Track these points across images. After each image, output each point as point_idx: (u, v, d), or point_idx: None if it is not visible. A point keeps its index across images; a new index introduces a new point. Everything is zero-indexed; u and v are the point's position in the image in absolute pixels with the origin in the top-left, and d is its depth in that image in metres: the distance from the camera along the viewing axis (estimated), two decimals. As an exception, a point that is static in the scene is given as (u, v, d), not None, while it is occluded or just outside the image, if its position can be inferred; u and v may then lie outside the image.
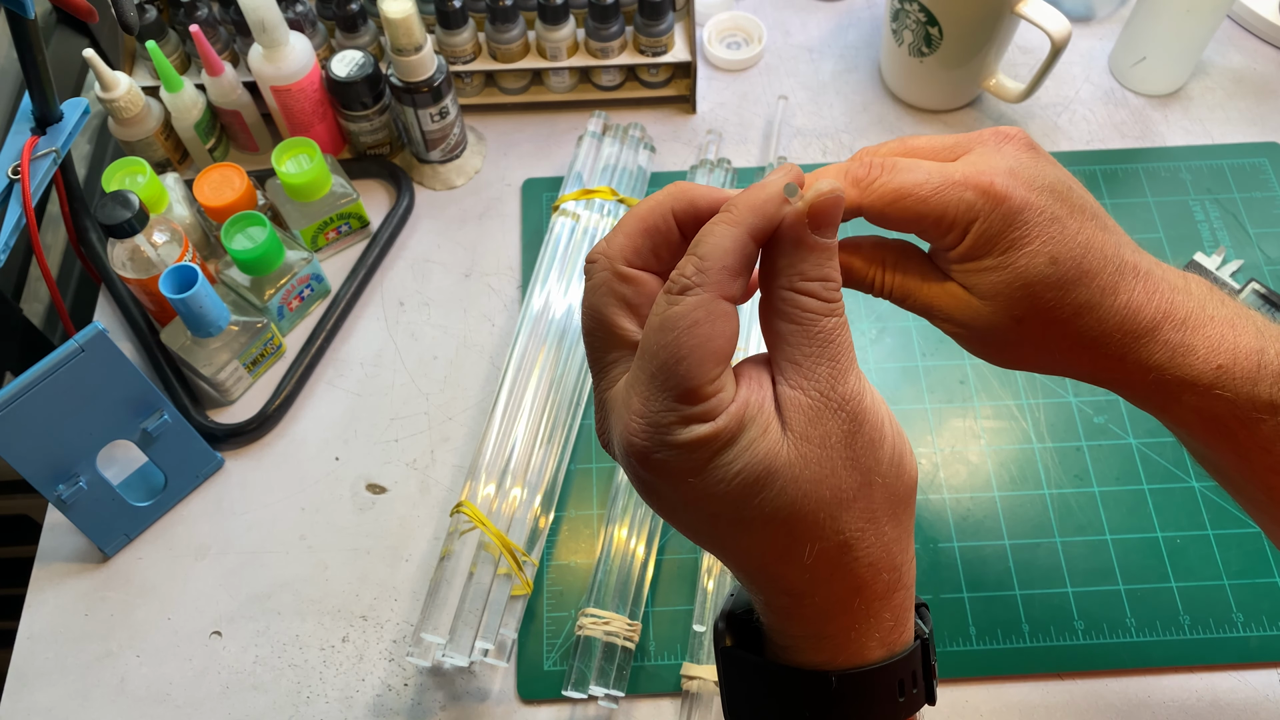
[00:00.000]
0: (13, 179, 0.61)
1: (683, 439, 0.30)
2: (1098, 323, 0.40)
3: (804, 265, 0.32)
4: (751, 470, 0.30)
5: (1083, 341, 0.40)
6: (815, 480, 0.31)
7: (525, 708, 0.56)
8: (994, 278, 0.40)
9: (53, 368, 0.52)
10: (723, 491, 0.31)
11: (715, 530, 0.33)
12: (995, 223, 0.39)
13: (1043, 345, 0.41)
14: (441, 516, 0.62)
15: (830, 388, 0.31)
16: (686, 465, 0.31)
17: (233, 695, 0.57)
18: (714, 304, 0.30)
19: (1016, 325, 0.40)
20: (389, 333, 0.69)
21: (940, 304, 0.41)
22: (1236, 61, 0.81)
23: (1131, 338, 0.40)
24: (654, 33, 0.74)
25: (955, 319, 0.41)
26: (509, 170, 0.77)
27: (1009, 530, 0.60)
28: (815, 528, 0.31)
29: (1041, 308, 0.40)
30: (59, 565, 0.61)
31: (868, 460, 0.32)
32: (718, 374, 0.31)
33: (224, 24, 0.74)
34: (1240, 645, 0.56)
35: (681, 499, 0.32)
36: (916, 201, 0.39)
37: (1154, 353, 0.40)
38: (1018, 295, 0.39)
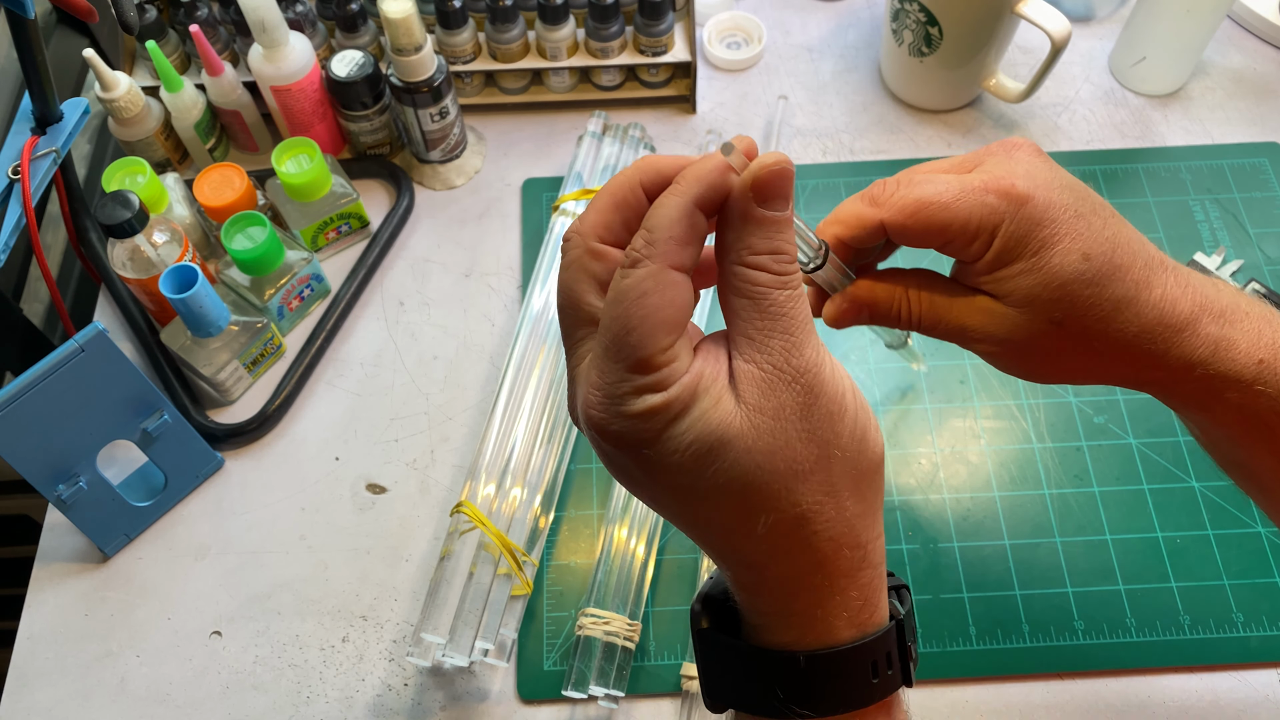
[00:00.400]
0: (13, 179, 0.61)
1: (636, 409, 0.30)
2: (1136, 318, 0.39)
3: (752, 239, 0.31)
4: (704, 440, 0.30)
5: (1124, 340, 0.40)
6: (768, 451, 0.31)
7: (525, 708, 0.56)
8: (1028, 281, 0.39)
9: (53, 368, 0.52)
10: (677, 462, 0.31)
11: (675, 502, 0.32)
12: (1022, 224, 0.39)
13: (1083, 349, 0.40)
14: (441, 516, 0.62)
15: (784, 360, 0.31)
16: (641, 436, 0.31)
17: (233, 695, 0.57)
18: (662, 274, 0.30)
19: (1057, 330, 0.40)
20: (389, 333, 0.69)
21: (974, 322, 0.41)
22: (1236, 61, 0.81)
23: (1172, 331, 0.40)
24: (654, 33, 0.74)
25: (991, 335, 0.41)
26: (509, 170, 0.77)
27: (1009, 530, 0.60)
28: (770, 499, 0.31)
29: (1080, 307, 0.39)
30: (59, 565, 0.61)
31: (825, 433, 0.31)
32: (669, 343, 0.30)
33: (224, 24, 0.74)
34: (1240, 645, 0.56)
35: (641, 471, 0.32)
36: (939, 209, 0.39)
37: (1196, 348, 0.40)
38: (1055, 296, 0.39)
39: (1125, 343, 0.40)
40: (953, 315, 0.41)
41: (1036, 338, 0.40)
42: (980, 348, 0.42)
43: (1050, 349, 0.40)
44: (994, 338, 0.41)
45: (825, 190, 0.74)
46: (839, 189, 0.74)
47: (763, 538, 0.32)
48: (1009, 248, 0.39)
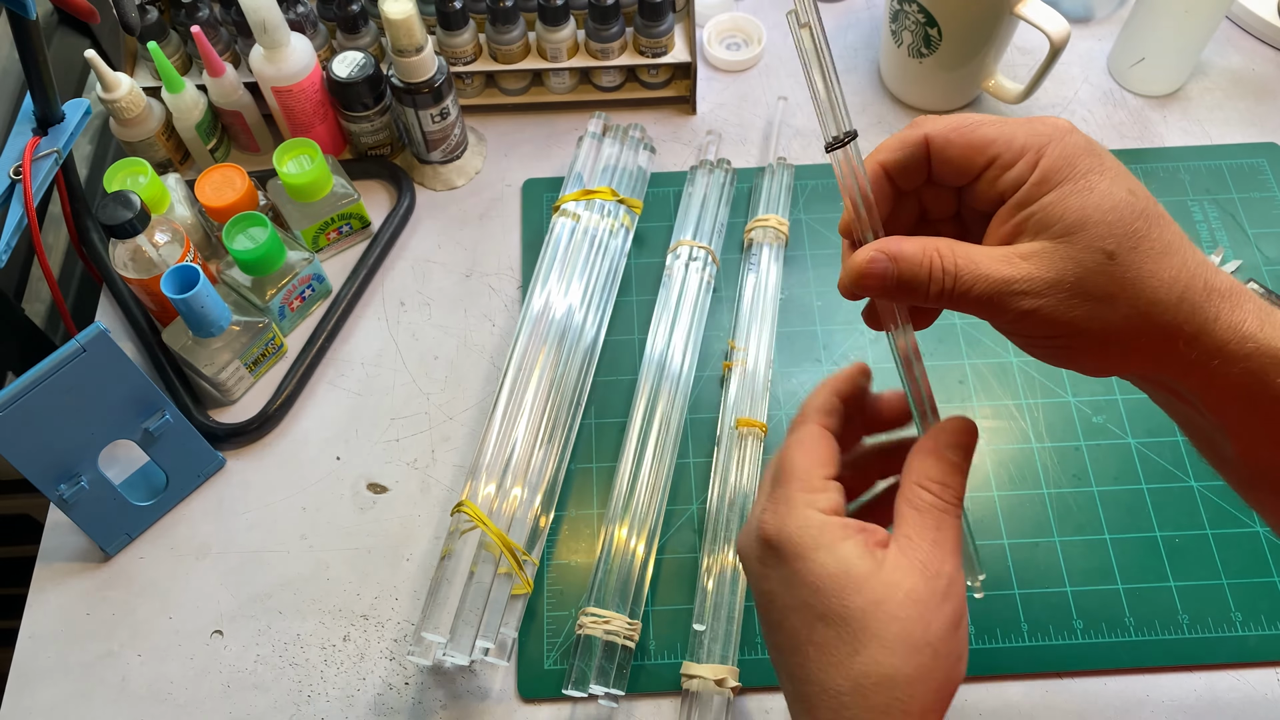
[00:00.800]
0: (14, 179, 0.61)
1: (801, 514, 0.38)
2: (1184, 267, 0.37)
3: (931, 469, 0.39)
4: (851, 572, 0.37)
5: (1175, 290, 0.37)
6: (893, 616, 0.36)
7: (526, 706, 0.56)
8: (1078, 202, 0.37)
9: (54, 367, 0.52)
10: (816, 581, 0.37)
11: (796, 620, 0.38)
12: (1069, 148, 0.37)
13: (1135, 293, 0.37)
14: (442, 516, 0.62)
15: (929, 557, 0.37)
16: (801, 540, 0.38)
17: (234, 694, 0.57)
18: (817, 429, 0.41)
19: (1109, 264, 0.36)
20: (390, 333, 0.69)
21: (1017, 271, 0.37)
22: (1235, 62, 0.81)
23: (1219, 295, 0.37)
24: (654, 34, 0.74)
25: (1038, 280, 0.37)
26: (509, 171, 0.77)
27: (1008, 530, 0.60)
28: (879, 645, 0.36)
29: (1132, 239, 0.36)
30: (60, 565, 0.61)
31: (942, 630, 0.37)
32: (824, 474, 0.39)
33: (225, 25, 0.74)
34: (1239, 644, 0.56)
35: (788, 580, 0.38)
36: (985, 124, 0.38)
37: (1244, 317, 0.37)
38: (1108, 220, 0.36)
39: (1176, 295, 0.37)
40: (993, 268, 0.37)
41: (1088, 275, 0.36)
42: (1025, 302, 0.37)
43: (1102, 291, 0.37)
44: (1041, 282, 0.37)
45: (825, 191, 0.74)
46: (838, 189, 0.74)
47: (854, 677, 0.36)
48: (1056, 168, 0.37)
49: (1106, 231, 0.36)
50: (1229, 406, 0.39)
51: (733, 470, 0.61)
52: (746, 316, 0.66)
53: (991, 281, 0.37)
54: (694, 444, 0.64)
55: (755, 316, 0.66)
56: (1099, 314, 0.37)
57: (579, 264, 0.67)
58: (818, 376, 0.66)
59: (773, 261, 0.69)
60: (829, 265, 0.71)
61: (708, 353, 0.67)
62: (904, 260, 0.38)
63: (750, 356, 0.65)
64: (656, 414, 0.62)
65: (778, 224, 0.70)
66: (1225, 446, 0.41)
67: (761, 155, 0.77)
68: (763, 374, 0.64)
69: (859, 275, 0.40)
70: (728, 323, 0.68)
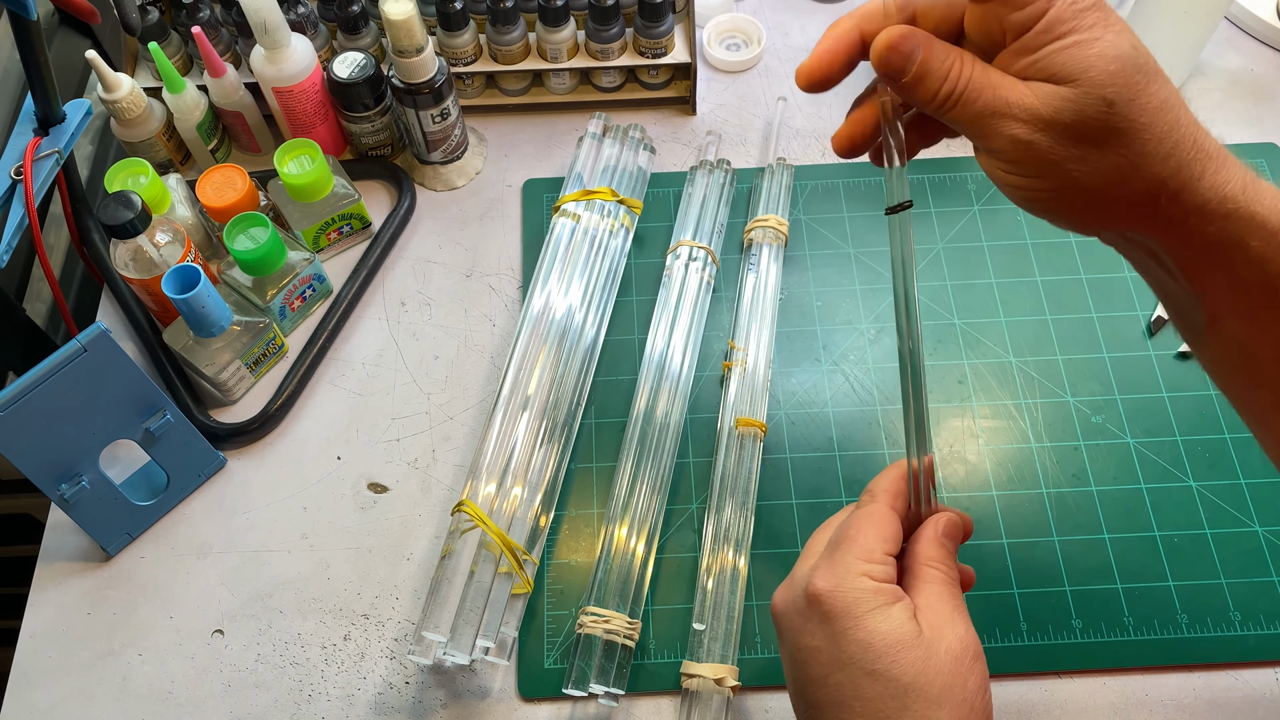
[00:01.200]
0: (15, 180, 0.61)
1: (856, 579, 0.41)
2: (1178, 124, 0.38)
3: (935, 553, 0.43)
4: (900, 633, 0.40)
5: (1167, 144, 0.38)
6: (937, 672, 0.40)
7: (526, 705, 0.56)
8: (1083, 51, 0.38)
9: (55, 367, 0.52)
10: (868, 639, 0.40)
11: (842, 676, 0.40)
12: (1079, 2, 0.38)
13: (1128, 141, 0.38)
14: (443, 515, 0.62)
15: (957, 622, 0.41)
16: (856, 600, 0.40)
17: (235, 693, 0.57)
18: (885, 508, 0.44)
19: (1107, 111, 0.38)
20: (390, 333, 0.70)
21: (1020, 97, 0.38)
22: (1234, 62, 0.81)
23: (1206, 156, 0.39)
24: (654, 34, 0.74)
25: (1037, 112, 0.38)
26: (510, 171, 0.77)
27: (1007, 529, 0.60)
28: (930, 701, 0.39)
29: (1132, 89, 0.38)
30: (61, 564, 0.61)
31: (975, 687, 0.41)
32: (885, 549, 0.42)
33: (226, 25, 0.74)
34: (1238, 644, 0.56)
35: (835, 636, 0.40)
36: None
37: (1229, 180, 0.39)
38: (1110, 69, 0.37)
39: (1166, 149, 0.38)
40: (1002, 85, 0.39)
41: (1085, 118, 0.38)
42: (1020, 130, 0.38)
43: (1096, 136, 0.38)
44: (1039, 115, 0.38)
45: (824, 191, 0.74)
46: (838, 190, 0.74)
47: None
48: (1063, 19, 0.38)
49: (1108, 80, 0.37)
50: (1203, 270, 0.40)
51: (732, 470, 0.61)
52: (746, 316, 0.67)
53: (996, 96, 0.38)
54: (694, 444, 0.64)
55: (755, 316, 0.66)
56: (1089, 158, 0.38)
57: (579, 264, 0.67)
58: (817, 376, 0.66)
59: (772, 261, 0.69)
60: (829, 265, 0.71)
61: (708, 353, 0.67)
62: (933, 49, 0.39)
63: (750, 356, 0.65)
64: (656, 414, 0.62)
65: (777, 224, 0.70)
66: (1197, 316, 0.43)
67: (761, 155, 0.77)
68: (762, 374, 0.64)
69: (887, 48, 0.40)
70: (727, 323, 0.68)
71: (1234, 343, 0.43)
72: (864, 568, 0.41)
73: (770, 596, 0.58)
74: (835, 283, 0.70)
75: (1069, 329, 0.67)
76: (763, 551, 0.60)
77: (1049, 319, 0.68)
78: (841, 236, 0.72)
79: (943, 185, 0.74)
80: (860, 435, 0.64)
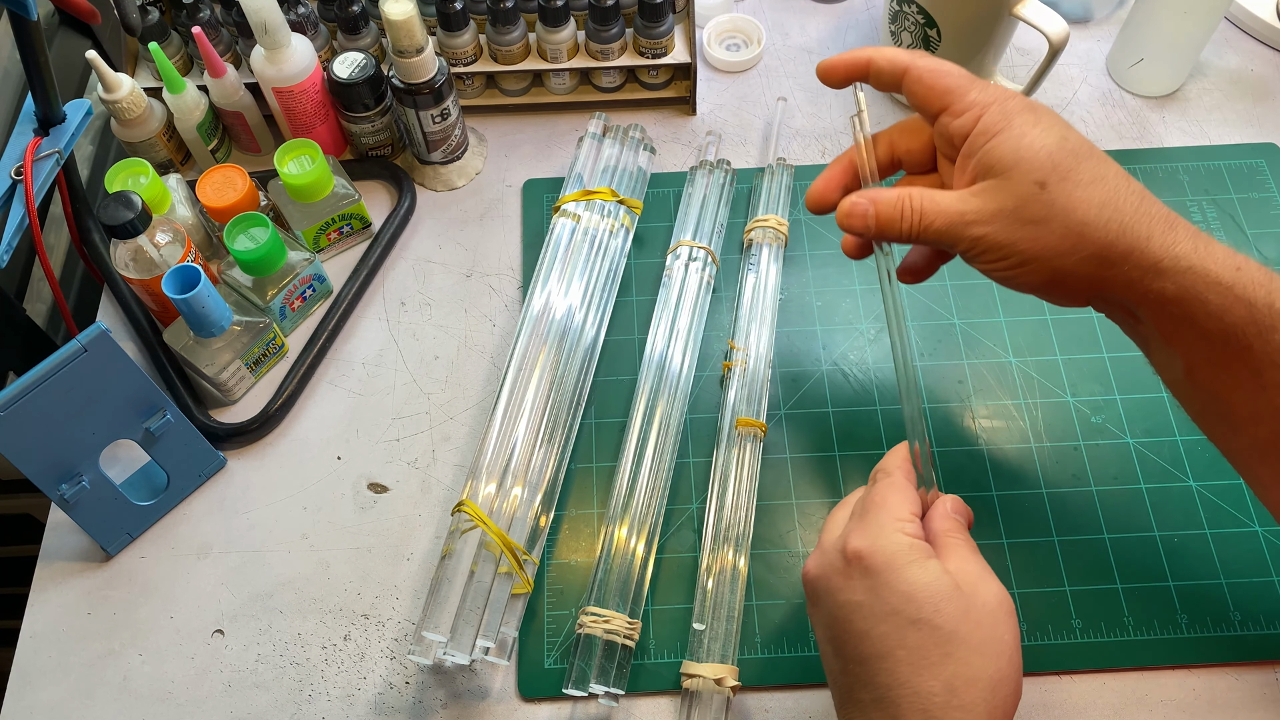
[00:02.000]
0: (16, 180, 0.61)
1: (892, 535, 0.43)
2: (1114, 193, 0.44)
3: (951, 525, 0.46)
4: (940, 584, 0.42)
5: (1104, 213, 0.44)
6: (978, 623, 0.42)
7: (526, 705, 0.56)
8: (1013, 144, 0.45)
9: (56, 367, 0.52)
10: (910, 590, 0.41)
11: (886, 627, 0.41)
12: (1008, 108, 0.46)
13: (1066, 215, 0.44)
14: (443, 515, 0.63)
15: (989, 578, 0.44)
16: (895, 553, 0.42)
17: (235, 693, 0.57)
18: (902, 479, 0.47)
19: (1040, 192, 0.44)
20: (390, 333, 0.70)
21: (968, 206, 0.45)
22: (1234, 63, 0.81)
23: (1151, 219, 0.44)
24: (654, 35, 0.74)
25: (983, 211, 0.45)
26: (510, 171, 0.77)
27: (1006, 529, 0.60)
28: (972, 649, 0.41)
29: (1060, 169, 0.44)
30: (62, 564, 0.61)
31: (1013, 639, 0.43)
32: (912, 510, 0.45)
33: (226, 26, 0.74)
34: (1237, 644, 0.56)
35: (878, 589, 0.42)
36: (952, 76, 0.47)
37: (1178, 240, 0.43)
38: (1038, 158, 0.44)
39: (1106, 216, 0.44)
40: (950, 204, 0.46)
41: (1024, 203, 0.44)
42: (976, 229, 0.45)
43: (1037, 215, 0.44)
44: (987, 212, 0.45)
45: (824, 191, 0.74)
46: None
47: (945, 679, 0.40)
48: (994, 122, 0.45)
49: (1037, 166, 0.44)
50: (1172, 324, 0.45)
51: (732, 470, 0.61)
52: (746, 316, 0.67)
53: (949, 215, 0.46)
54: (694, 444, 0.64)
55: (755, 316, 0.66)
56: (1038, 235, 0.44)
57: (579, 264, 0.67)
58: (817, 376, 0.66)
59: (772, 261, 0.69)
60: (828, 265, 0.71)
61: (708, 353, 0.67)
62: (881, 203, 0.48)
63: (750, 356, 0.65)
64: (656, 414, 0.62)
65: (777, 224, 0.70)
66: (1176, 368, 0.47)
67: (761, 156, 0.77)
68: (763, 374, 0.64)
69: (845, 215, 0.49)
70: (728, 323, 0.69)
71: (1209, 392, 0.46)
72: (897, 524, 0.44)
73: (770, 596, 0.58)
74: (835, 283, 0.70)
75: (1069, 329, 0.67)
76: (763, 551, 0.60)
77: (1048, 319, 0.68)
78: (841, 236, 0.72)
79: (943, 185, 0.74)
80: (860, 435, 0.64)
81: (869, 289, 0.70)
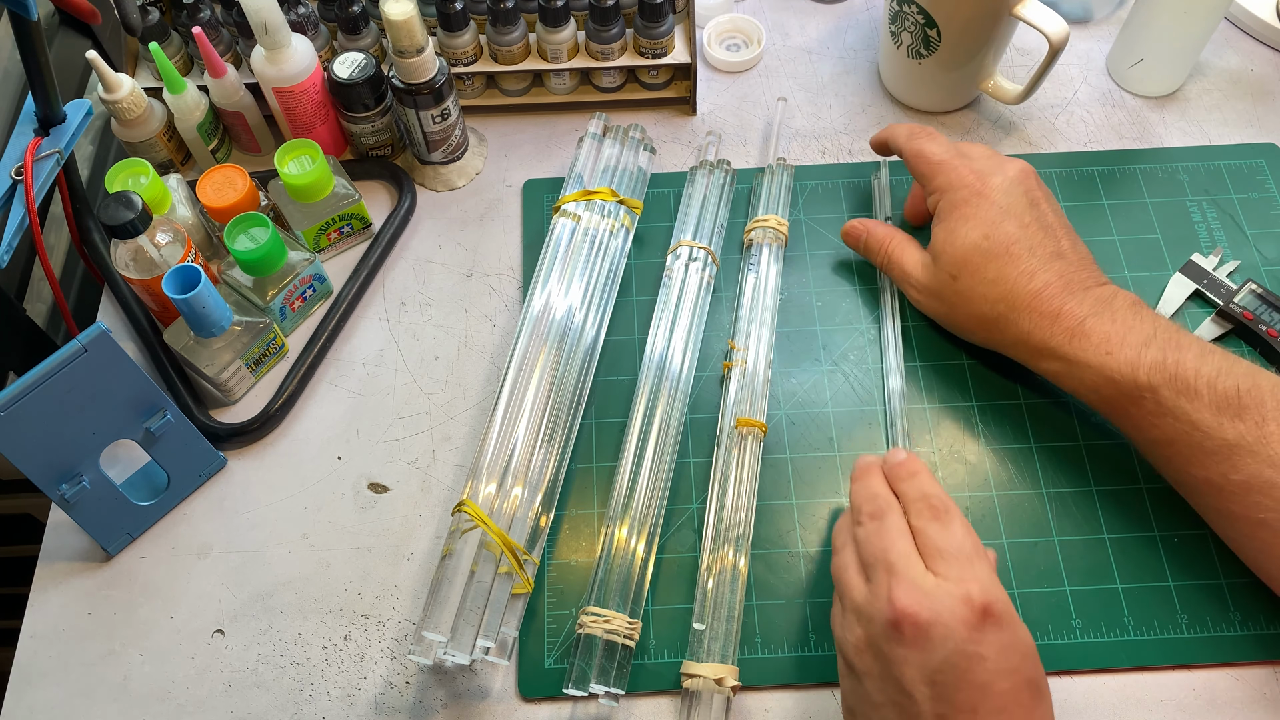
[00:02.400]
0: (16, 180, 0.61)
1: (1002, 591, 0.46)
2: (1008, 292, 0.57)
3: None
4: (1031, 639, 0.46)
5: (997, 309, 0.58)
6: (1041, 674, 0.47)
7: (526, 705, 0.56)
8: (946, 236, 0.60)
9: (56, 367, 0.52)
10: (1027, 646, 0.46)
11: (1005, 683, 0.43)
12: (961, 194, 0.60)
13: (968, 303, 0.59)
14: (443, 515, 0.63)
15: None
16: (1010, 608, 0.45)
17: (235, 693, 0.57)
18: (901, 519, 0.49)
19: (953, 282, 0.60)
20: (390, 333, 0.70)
21: (911, 268, 0.63)
22: (1234, 63, 0.81)
23: (1036, 315, 0.56)
24: (654, 35, 0.74)
25: (916, 279, 0.63)
26: (510, 171, 0.77)
27: (1006, 529, 0.60)
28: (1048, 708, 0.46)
29: (969, 269, 0.59)
30: (62, 564, 0.61)
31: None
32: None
33: (226, 26, 0.74)
34: (1237, 644, 0.56)
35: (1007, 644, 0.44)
36: (932, 157, 0.62)
37: (1055, 333, 0.56)
38: (954, 255, 0.59)
39: (997, 313, 0.58)
40: (904, 260, 0.64)
41: (942, 286, 0.60)
42: (912, 293, 0.64)
43: (949, 297, 0.60)
44: (918, 281, 0.63)
45: (824, 191, 0.74)
46: (838, 190, 0.74)
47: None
48: (943, 209, 0.61)
49: (953, 260, 0.59)
50: (1067, 386, 0.58)
51: (732, 470, 0.61)
52: (746, 316, 0.67)
53: (904, 272, 0.64)
54: (694, 444, 0.64)
55: (755, 316, 0.66)
56: (948, 313, 0.62)
57: (579, 264, 0.67)
58: (817, 376, 0.66)
59: (772, 262, 0.69)
60: (828, 265, 0.71)
61: (708, 353, 0.67)
62: (871, 236, 0.67)
63: (750, 356, 0.65)
64: (656, 414, 0.62)
65: (777, 224, 0.70)
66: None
67: (761, 156, 0.77)
68: (762, 374, 0.64)
69: (846, 231, 0.69)
70: (728, 323, 0.69)
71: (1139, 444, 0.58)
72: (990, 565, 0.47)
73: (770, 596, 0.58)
74: (835, 283, 0.70)
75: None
76: (763, 551, 0.60)
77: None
78: (841, 235, 0.72)
79: (943, 185, 0.74)
80: (860, 435, 0.64)
81: (869, 289, 0.70)
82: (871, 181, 0.74)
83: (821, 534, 0.61)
